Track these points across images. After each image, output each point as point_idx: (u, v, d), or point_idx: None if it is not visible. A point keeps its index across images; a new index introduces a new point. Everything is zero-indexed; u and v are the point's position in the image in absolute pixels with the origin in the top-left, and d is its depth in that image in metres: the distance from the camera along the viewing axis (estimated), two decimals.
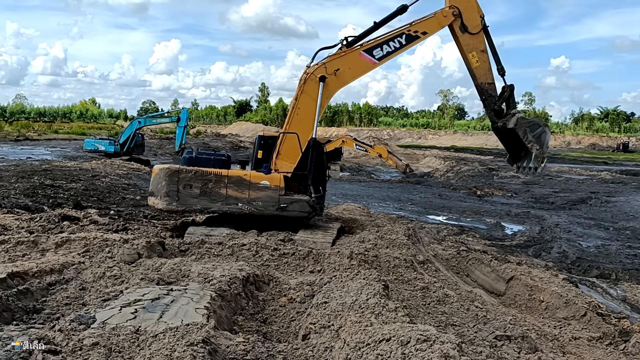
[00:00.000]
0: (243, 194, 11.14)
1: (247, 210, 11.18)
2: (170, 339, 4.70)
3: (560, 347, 7.03)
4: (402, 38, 11.83)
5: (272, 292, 7.55)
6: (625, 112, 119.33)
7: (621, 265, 12.93)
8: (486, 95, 12.14)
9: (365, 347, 4.39)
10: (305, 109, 11.59)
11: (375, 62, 11.77)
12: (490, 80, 12.11)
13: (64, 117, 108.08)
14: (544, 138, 11.77)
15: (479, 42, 11.96)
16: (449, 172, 37.99)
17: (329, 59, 11.62)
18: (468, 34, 11.90)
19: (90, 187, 19.04)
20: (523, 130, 11.74)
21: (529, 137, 11.71)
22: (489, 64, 12.07)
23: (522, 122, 11.76)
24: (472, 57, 12.01)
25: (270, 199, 11.12)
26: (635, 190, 29.63)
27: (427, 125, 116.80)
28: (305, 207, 11.08)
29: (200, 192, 11.12)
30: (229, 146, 53.82)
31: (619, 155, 69.30)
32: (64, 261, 7.89)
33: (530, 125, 11.76)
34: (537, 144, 11.70)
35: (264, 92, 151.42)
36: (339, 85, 11.88)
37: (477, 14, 11.91)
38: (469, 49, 12.00)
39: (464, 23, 11.84)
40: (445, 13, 11.84)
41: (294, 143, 11.60)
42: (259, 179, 11.19)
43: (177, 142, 30.81)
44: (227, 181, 11.13)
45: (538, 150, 11.71)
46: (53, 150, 38.94)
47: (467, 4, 11.88)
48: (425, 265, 9.79)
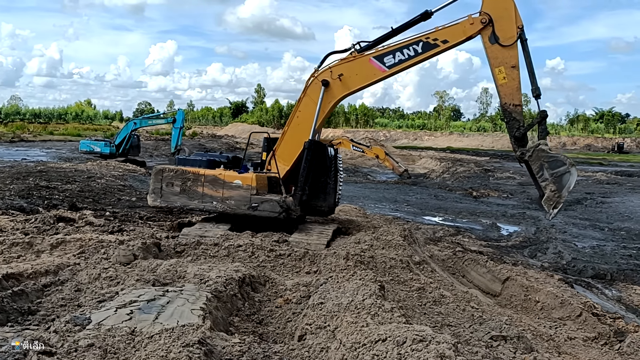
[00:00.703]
0: (217, 193, 11.40)
1: (220, 209, 11.44)
2: (166, 340, 4.69)
3: (555, 347, 7.05)
4: (419, 46, 10.73)
5: (268, 293, 7.55)
6: (620, 113, 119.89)
7: (616, 265, 12.97)
8: (509, 118, 10.53)
9: (361, 348, 4.39)
10: (306, 112, 11.43)
11: (385, 70, 10.89)
12: (516, 102, 10.45)
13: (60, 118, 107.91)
14: (566, 180, 10.00)
15: (510, 56, 10.38)
16: (444, 173, 38.06)
17: (336, 64, 11.17)
18: (498, 46, 10.36)
19: (85, 189, 18.98)
20: (539, 165, 10.16)
21: (545, 174, 10.10)
22: (518, 82, 10.40)
23: (539, 155, 10.12)
24: (499, 73, 10.42)
25: (242, 198, 11.27)
26: (630, 191, 29.74)
27: (423, 127, 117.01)
28: (276, 207, 11.14)
29: (180, 190, 11.56)
30: (225, 147, 53.77)
31: (614, 156, 69.55)
32: (59, 262, 7.88)
33: (551, 161, 10.08)
34: (554, 184, 10.01)
35: (260, 94, 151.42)
36: (344, 90, 11.26)
37: (513, 24, 10.31)
38: (496, 62, 10.45)
39: (496, 33, 10.33)
40: (473, 20, 10.42)
41: (290, 145, 11.62)
42: (232, 178, 11.40)
43: (173, 143, 30.73)
44: (203, 180, 11.46)
45: (553, 192, 10.03)
46: (48, 152, 38.82)
47: (503, 11, 10.36)
48: (421, 266, 9.80)
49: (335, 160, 12.44)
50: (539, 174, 10.14)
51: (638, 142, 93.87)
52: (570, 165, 10.04)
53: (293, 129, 11.63)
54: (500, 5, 10.36)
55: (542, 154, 10.11)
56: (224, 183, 11.39)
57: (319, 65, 11.36)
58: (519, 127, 10.43)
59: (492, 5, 10.38)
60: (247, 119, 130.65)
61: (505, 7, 10.34)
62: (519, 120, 10.44)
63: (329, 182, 12.25)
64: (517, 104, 10.43)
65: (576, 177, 10.05)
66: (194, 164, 12.14)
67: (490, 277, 10.38)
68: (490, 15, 10.32)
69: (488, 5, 10.40)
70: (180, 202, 11.63)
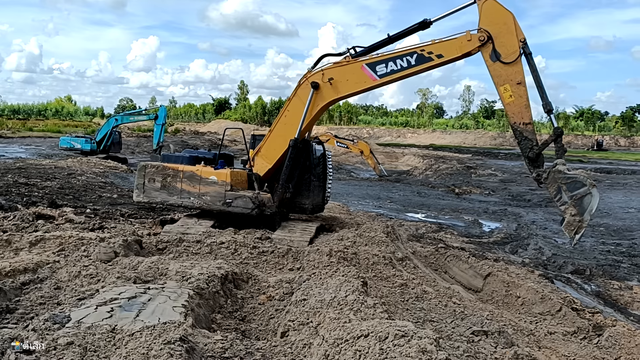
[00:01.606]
0: (195, 188, 11.48)
1: (197, 204, 11.54)
2: (147, 338, 4.65)
3: (536, 342, 7.13)
4: (412, 57, 10.24)
5: (251, 290, 7.53)
6: (599, 111, 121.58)
7: (595, 261, 13.17)
8: (520, 138, 9.80)
9: (344, 343, 4.40)
10: (294, 113, 11.29)
11: (376, 78, 10.47)
12: (526, 120, 9.78)
13: (39, 114, 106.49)
14: (587, 202, 9.14)
15: (515, 72, 9.66)
16: (427, 171, 38.26)
17: (329, 67, 10.86)
18: (501, 63, 9.70)
19: (65, 186, 18.75)
20: (556, 188, 9.33)
21: (564, 197, 9.26)
22: (526, 99, 9.71)
23: (556, 177, 9.30)
24: (505, 92, 9.72)
25: (217, 194, 11.34)
26: (609, 188, 30.20)
27: (406, 124, 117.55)
28: (249, 203, 11.18)
29: (161, 185, 11.67)
30: (208, 144, 53.45)
31: (593, 154, 70.51)
32: (39, 260, 7.76)
33: (569, 183, 9.23)
34: (575, 207, 9.15)
35: (243, 90, 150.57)
36: (334, 95, 10.97)
37: (515, 38, 9.61)
38: (500, 80, 9.74)
39: (497, 50, 9.68)
40: (471, 37, 9.80)
41: (275, 144, 11.60)
42: (208, 174, 11.46)
43: (155, 140, 30.47)
44: (182, 176, 11.56)
45: (573, 217, 9.18)
46: (27, 148, 38.25)
47: (502, 26, 9.68)
48: (404, 262, 9.84)
49: (324, 158, 12.41)
50: (557, 197, 9.36)
51: (617, 139, 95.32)
52: (591, 186, 9.18)
53: (280, 128, 11.57)
54: (498, 20, 9.71)
55: (559, 175, 9.27)
56: (200, 179, 11.46)
57: (313, 66, 11.15)
58: (532, 146, 9.71)
59: (489, 21, 9.74)
60: (230, 115, 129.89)
61: (504, 21, 9.67)
62: (532, 140, 9.72)
63: (312, 180, 12.22)
64: (527, 122, 9.74)
65: (599, 199, 9.15)
66: (176, 160, 12.10)
67: (472, 273, 10.46)
68: (489, 32, 9.67)
69: (485, 21, 9.75)
70: (160, 197, 11.74)
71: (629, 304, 9.96)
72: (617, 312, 9.51)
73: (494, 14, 9.68)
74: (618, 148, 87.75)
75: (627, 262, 13.19)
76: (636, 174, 39.82)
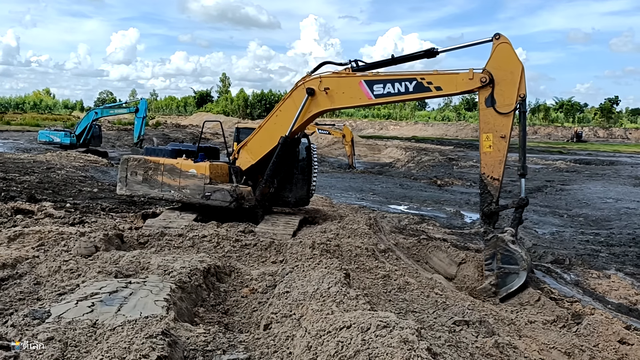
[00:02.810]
0: (175, 182, 11.52)
1: (177, 197, 11.58)
2: (128, 332, 4.62)
3: (516, 331, 7.23)
4: (411, 84, 10.01)
5: (233, 283, 7.52)
6: (579, 103, 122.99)
7: (574, 251, 13.37)
8: (483, 190, 9.72)
9: (326, 335, 4.41)
10: (286, 114, 11.28)
11: (371, 97, 10.34)
12: (496, 175, 9.55)
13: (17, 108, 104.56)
14: (510, 280, 9.05)
15: (503, 124, 9.44)
16: (409, 163, 38.44)
17: (327, 75, 10.80)
18: (493, 110, 9.45)
19: (45, 180, 18.48)
20: (492, 253, 9.29)
21: (493, 264, 9.24)
22: (504, 155, 9.51)
23: (498, 244, 9.24)
24: (486, 140, 9.53)
25: (196, 187, 11.38)
26: (587, 178, 30.65)
27: (388, 116, 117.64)
28: (227, 196, 11.23)
29: (143, 178, 11.73)
30: (190, 137, 53.06)
31: (573, 145, 71.43)
32: (17, 255, 7.66)
33: (505, 255, 9.14)
34: (497, 278, 9.12)
35: (225, 83, 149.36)
36: (328, 104, 10.88)
37: (515, 91, 9.34)
38: (486, 127, 9.55)
39: (494, 96, 9.42)
40: (473, 76, 9.54)
41: (262, 141, 11.60)
42: (188, 168, 11.50)
43: (136, 133, 30.15)
44: (162, 169, 11.58)
45: (491, 286, 9.18)
46: (5, 143, 37.61)
47: (507, 75, 9.39)
48: (387, 254, 9.90)
49: (309, 151, 12.40)
50: (488, 262, 9.35)
51: (595, 130, 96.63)
52: (523, 269, 9.01)
53: (269, 127, 11.60)
54: (506, 67, 9.42)
55: (501, 243, 9.21)
56: (180, 172, 11.48)
57: (312, 71, 11.11)
58: (491, 202, 9.63)
59: (498, 64, 9.47)
60: (212, 108, 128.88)
61: (512, 70, 9.40)
62: (493, 196, 9.60)
63: (296, 174, 12.25)
64: (496, 178, 9.56)
65: (522, 282, 8.99)
66: (159, 154, 12.06)
67: (448, 261, 10.61)
68: (492, 76, 9.43)
69: (494, 64, 9.50)
70: (142, 190, 11.79)
71: (606, 292, 10.14)
72: (596, 300, 9.68)
73: (505, 59, 9.43)
74: (597, 139, 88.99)
75: (605, 251, 13.42)
76: (614, 164, 40.45)
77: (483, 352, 5.53)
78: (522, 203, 9.60)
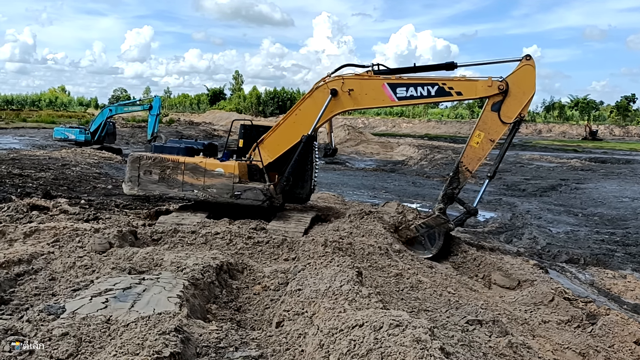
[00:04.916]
0: (198, 181, 11.34)
1: (202, 197, 11.38)
2: (142, 328, 4.65)
3: (530, 331, 7.17)
4: (433, 89, 10.75)
5: (246, 280, 7.54)
6: (594, 101, 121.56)
7: (589, 250, 13.23)
8: (455, 175, 11.05)
9: (339, 333, 4.41)
10: (306, 113, 11.50)
11: (394, 99, 10.95)
12: (471, 169, 10.93)
13: (33, 105, 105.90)
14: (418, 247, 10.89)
15: (497, 131, 10.64)
16: (422, 160, 38.26)
17: (349, 77, 11.23)
18: (496, 116, 10.53)
19: (60, 176, 18.67)
20: (431, 224, 11.00)
21: (426, 230, 10.98)
22: (484, 155, 10.78)
23: (440, 223, 10.98)
24: (477, 136, 10.72)
25: (224, 186, 11.25)
26: (603, 177, 30.30)
27: (401, 114, 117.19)
28: (259, 195, 11.19)
29: (159, 178, 11.46)
30: (203, 135, 53.30)
31: (588, 143, 70.70)
32: (33, 251, 7.74)
33: (433, 234, 10.94)
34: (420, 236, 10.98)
35: (238, 80, 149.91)
36: (351, 105, 11.41)
37: (519, 109, 10.49)
38: (482, 126, 10.70)
39: (502, 105, 10.48)
40: (492, 84, 10.49)
41: (280, 139, 11.64)
42: (214, 167, 11.37)
43: (149, 130, 30.34)
44: (183, 168, 11.38)
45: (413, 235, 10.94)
46: (21, 139, 38.04)
47: (520, 94, 10.45)
48: (401, 253, 9.86)
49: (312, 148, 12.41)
50: (424, 224, 11.01)
51: (611, 129, 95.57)
52: (432, 252, 10.85)
53: (288, 125, 11.69)
54: (523, 86, 10.42)
55: (441, 227, 10.97)
56: (205, 171, 11.31)
57: (333, 72, 11.41)
58: (455, 187, 11.06)
59: (516, 81, 10.42)
60: (225, 106, 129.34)
61: (525, 90, 10.42)
62: (460, 183, 11.05)
63: (307, 170, 12.27)
64: (470, 170, 10.92)
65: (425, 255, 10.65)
66: (171, 151, 12.02)
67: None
68: (508, 87, 10.40)
69: (514, 79, 10.44)
70: (159, 190, 11.54)
71: (622, 292, 10.02)
72: (611, 300, 9.57)
73: (525, 79, 10.41)
74: (613, 137, 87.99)
75: (621, 251, 13.26)
76: (630, 163, 39.96)
77: (496, 351, 5.49)
78: (473, 212, 11.40)
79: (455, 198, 11.14)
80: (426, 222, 11.03)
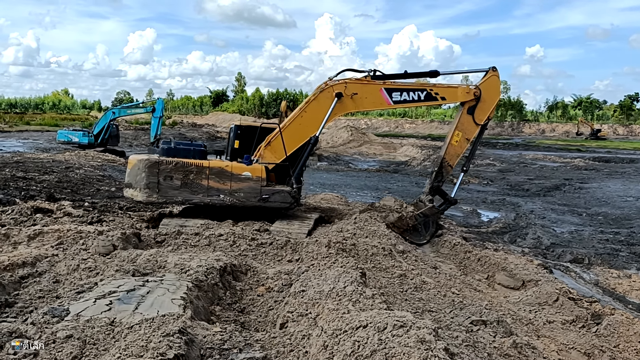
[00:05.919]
0: (225, 185, 11.08)
1: (229, 202, 11.11)
2: (146, 330, 4.65)
3: (535, 331, 7.15)
4: (423, 93, 12.13)
5: (249, 281, 7.53)
6: (597, 100, 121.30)
7: (594, 250, 13.18)
8: (439, 169, 12.58)
9: (343, 334, 4.40)
10: (311, 115, 11.84)
11: (390, 103, 12.12)
12: (452, 164, 12.60)
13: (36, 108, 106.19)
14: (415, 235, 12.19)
15: (471, 131, 12.42)
16: (426, 161, 38.20)
17: (351, 81, 11.92)
18: (471, 119, 12.30)
19: (63, 179, 18.71)
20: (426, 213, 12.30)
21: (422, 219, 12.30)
22: (461, 152, 12.58)
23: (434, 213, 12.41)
24: (456, 136, 12.40)
25: (252, 190, 11.12)
26: (607, 176, 30.22)
27: (404, 115, 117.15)
28: (287, 197, 11.22)
29: (182, 183, 10.99)
30: (206, 136, 53.38)
31: (591, 142, 70.51)
32: (37, 254, 7.75)
33: (428, 222, 12.34)
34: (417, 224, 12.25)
35: (240, 82, 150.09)
36: (354, 107, 12.23)
37: (488, 112, 12.39)
38: (460, 127, 12.39)
39: (475, 109, 12.25)
40: (469, 90, 12.22)
41: (287, 141, 11.71)
42: (241, 170, 11.17)
43: (153, 132, 30.39)
44: (208, 172, 11.02)
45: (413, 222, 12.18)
46: (25, 142, 38.15)
47: (489, 99, 12.32)
48: (405, 254, 9.84)
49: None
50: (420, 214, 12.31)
51: (615, 128, 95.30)
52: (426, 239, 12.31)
53: (294, 128, 11.82)
54: (491, 92, 12.39)
55: (434, 216, 12.53)
56: (231, 175, 11.09)
57: (334, 76, 12.06)
58: (440, 180, 12.67)
59: (486, 88, 12.30)
60: (227, 107, 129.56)
61: (492, 96, 12.44)
62: (444, 177, 12.71)
63: (303, 171, 12.35)
64: (451, 166, 12.63)
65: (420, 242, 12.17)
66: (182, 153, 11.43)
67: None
68: (481, 93, 12.22)
69: (485, 86, 12.29)
70: (181, 196, 11.05)
71: (627, 292, 9.98)
72: (616, 300, 9.53)
73: (493, 87, 12.46)
74: (617, 137, 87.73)
75: (626, 250, 13.21)
76: (634, 162, 39.84)
77: (501, 352, 5.47)
78: (453, 202, 12.87)
79: (440, 190, 12.66)
80: (423, 212, 12.32)
